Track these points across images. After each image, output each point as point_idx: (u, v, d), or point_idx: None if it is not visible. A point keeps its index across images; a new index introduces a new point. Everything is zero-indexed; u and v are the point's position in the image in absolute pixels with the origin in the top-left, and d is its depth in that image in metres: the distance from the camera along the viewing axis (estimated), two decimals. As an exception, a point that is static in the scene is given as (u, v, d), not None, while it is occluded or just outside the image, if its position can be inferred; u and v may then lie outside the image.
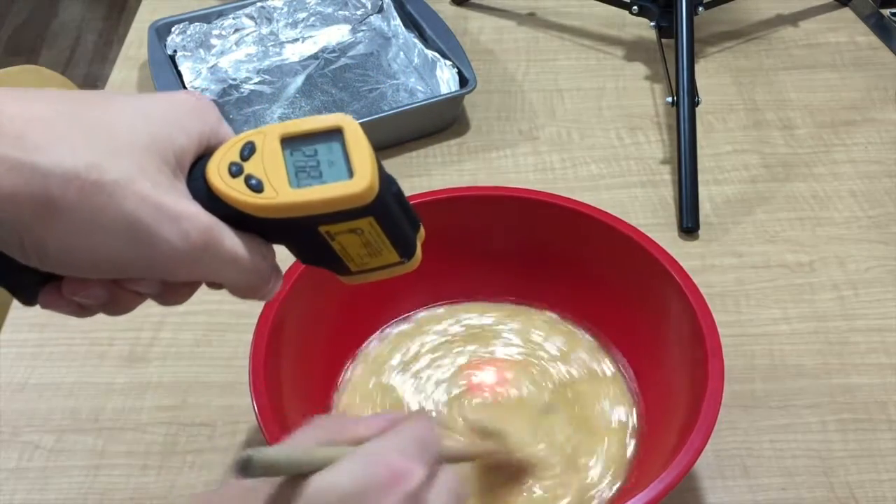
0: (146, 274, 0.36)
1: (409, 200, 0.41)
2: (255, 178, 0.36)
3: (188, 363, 0.67)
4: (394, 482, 0.35)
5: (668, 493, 0.46)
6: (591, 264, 0.63)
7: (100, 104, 0.35)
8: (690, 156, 0.80)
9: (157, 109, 0.36)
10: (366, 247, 0.39)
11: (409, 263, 0.42)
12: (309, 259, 0.41)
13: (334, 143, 0.37)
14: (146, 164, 0.34)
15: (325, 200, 0.36)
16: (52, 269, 0.35)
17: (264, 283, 0.39)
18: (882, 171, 0.83)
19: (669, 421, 0.55)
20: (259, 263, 0.38)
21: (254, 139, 0.37)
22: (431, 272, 0.64)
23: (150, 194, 0.33)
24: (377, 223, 0.38)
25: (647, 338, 0.61)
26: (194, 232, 0.35)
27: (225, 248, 0.36)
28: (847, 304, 0.71)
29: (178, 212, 0.34)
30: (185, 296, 0.39)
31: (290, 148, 0.37)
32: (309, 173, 0.37)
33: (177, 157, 0.35)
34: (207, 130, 0.37)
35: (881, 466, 0.61)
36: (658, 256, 0.59)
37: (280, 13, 0.94)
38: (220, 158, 0.37)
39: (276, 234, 0.39)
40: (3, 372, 0.67)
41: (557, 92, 0.93)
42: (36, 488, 0.60)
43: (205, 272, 0.37)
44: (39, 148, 0.32)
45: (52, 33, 2.41)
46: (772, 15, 1.04)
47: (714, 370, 0.52)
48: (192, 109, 0.37)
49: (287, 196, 0.36)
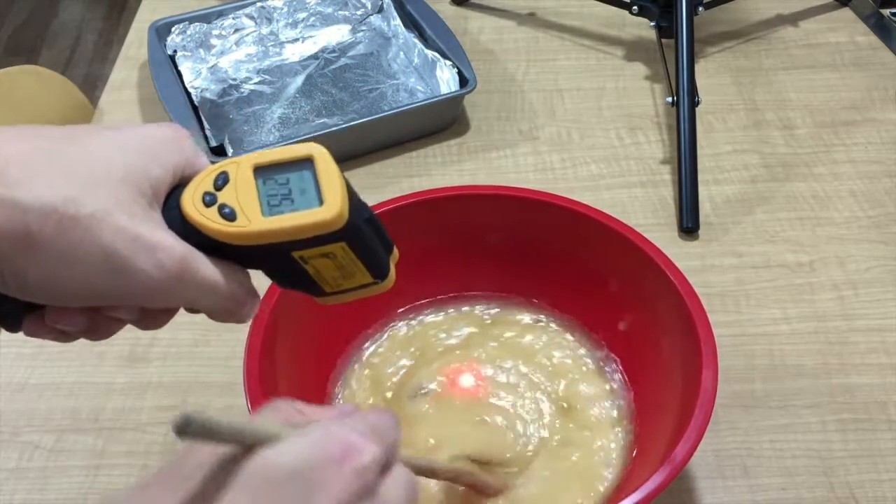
0: (124, 302, 0.37)
1: (383, 223, 0.42)
2: (228, 206, 0.37)
3: (188, 363, 0.67)
4: (345, 457, 0.34)
5: (658, 494, 0.46)
6: (586, 263, 0.63)
7: (76, 139, 0.36)
8: (690, 156, 0.80)
9: (132, 141, 0.37)
10: (339, 269, 0.41)
11: (382, 284, 0.43)
12: (284, 283, 0.42)
13: (305, 172, 0.38)
14: (122, 196, 0.35)
15: (296, 227, 0.37)
16: (32, 298, 0.36)
17: (240, 307, 0.40)
18: (882, 171, 0.83)
19: (663, 421, 0.55)
20: (235, 289, 0.39)
21: (227, 169, 0.38)
22: (429, 269, 0.65)
23: (125, 226, 0.34)
24: (349, 247, 0.39)
25: (642, 338, 0.61)
26: (169, 262, 0.36)
27: (200, 276, 0.37)
28: (847, 304, 0.71)
29: (153, 242, 0.35)
30: (164, 321, 0.40)
31: (263, 177, 0.38)
32: (280, 201, 0.38)
33: (153, 187, 0.36)
34: (183, 161, 0.38)
35: (881, 466, 0.61)
36: (653, 256, 0.58)
37: (280, 13, 0.94)
38: (195, 189, 0.38)
39: (250, 260, 0.40)
40: (3, 372, 0.67)
41: (557, 92, 0.93)
42: (36, 488, 0.60)
43: (181, 299, 0.38)
44: (19, 183, 0.33)
45: (52, 33, 2.41)
46: (772, 15, 1.04)
47: (708, 371, 0.52)
48: (167, 141, 0.38)
49: (259, 224, 0.37)
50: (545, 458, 0.58)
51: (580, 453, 0.58)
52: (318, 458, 0.33)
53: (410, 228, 0.63)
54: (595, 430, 0.59)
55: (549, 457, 0.58)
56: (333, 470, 0.33)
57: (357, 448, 0.34)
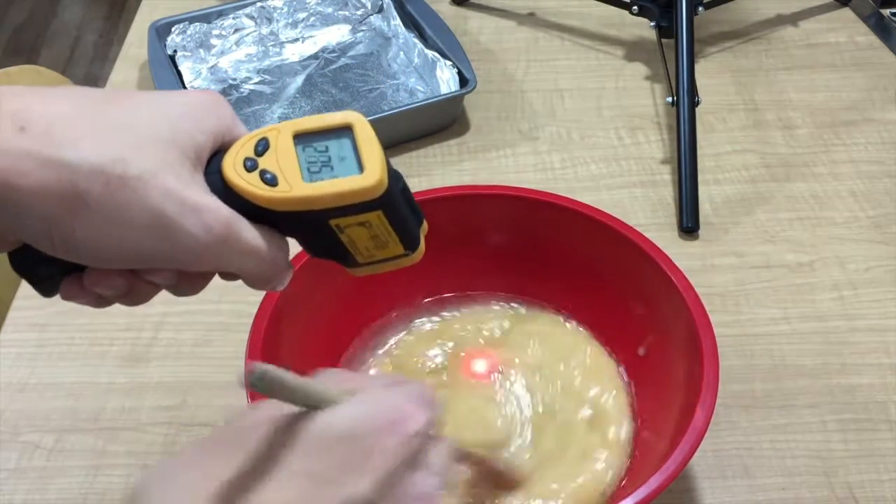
0: (169, 264, 0.37)
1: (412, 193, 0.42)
2: (269, 172, 0.38)
3: (188, 363, 0.67)
4: (397, 423, 0.35)
5: (659, 493, 0.46)
6: (587, 263, 0.63)
7: (121, 101, 0.36)
8: (690, 156, 0.80)
9: (175, 107, 0.37)
10: (373, 239, 0.41)
11: (413, 255, 0.43)
12: (318, 251, 0.42)
13: (345, 140, 0.39)
14: (168, 158, 0.35)
15: (337, 194, 0.38)
16: (78, 259, 0.36)
17: (279, 274, 0.40)
18: (882, 171, 0.83)
19: (665, 421, 0.55)
20: (276, 254, 0.39)
21: (268, 136, 0.38)
22: (430, 268, 0.65)
23: (173, 188, 0.35)
24: (385, 216, 0.39)
25: (643, 338, 0.61)
26: (216, 224, 0.36)
27: (244, 239, 0.37)
28: (847, 304, 0.71)
29: (200, 205, 0.35)
30: (200, 287, 0.40)
31: (303, 144, 0.39)
32: (321, 168, 0.38)
33: (196, 152, 0.37)
34: (223, 127, 0.38)
35: (881, 466, 0.61)
36: (653, 255, 0.59)
37: (280, 13, 0.94)
38: (236, 154, 0.38)
39: (288, 227, 0.40)
40: (3, 372, 0.67)
41: (557, 92, 0.93)
42: (36, 488, 0.60)
43: (225, 262, 0.38)
44: (67, 144, 0.33)
45: (52, 33, 2.41)
46: (772, 15, 1.04)
47: (709, 371, 0.52)
48: (208, 107, 0.38)
49: (301, 190, 0.37)
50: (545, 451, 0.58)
51: (581, 452, 0.58)
52: (371, 422, 0.35)
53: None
54: (597, 429, 0.59)
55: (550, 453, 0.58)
56: (385, 435, 0.35)
57: (408, 415, 0.36)
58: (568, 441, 0.58)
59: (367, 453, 0.34)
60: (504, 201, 0.64)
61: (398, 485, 0.35)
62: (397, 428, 0.35)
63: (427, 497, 0.36)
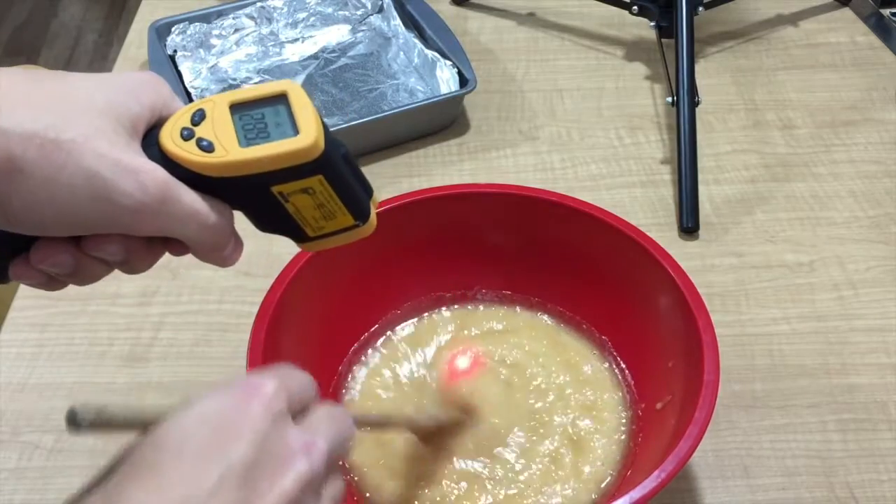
0: (109, 229, 0.38)
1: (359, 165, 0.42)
2: (205, 139, 0.38)
3: (188, 363, 0.67)
4: (247, 396, 0.35)
5: (658, 491, 0.46)
6: (588, 262, 0.63)
7: (57, 77, 0.37)
8: (690, 156, 0.80)
9: (112, 81, 0.38)
10: (319, 209, 0.41)
11: (364, 227, 0.43)
12: (267, 225, 0.42)
13: (280, 106, 0.40)
14: (102, 125, 0.36)
15: (274, 156, 0.38)
16: (17, 228, 0.37)
17: (225, 241, 0.41)
18: (882, 171, 0.83)
19: (664, 421, 0.55)
20: (219, 220, 0.40)
21: (204, 107, 0.40)
22: (429, 266, 0.65)
23: (106, 151, 0.36)
24: (327, 182, 0.40)
25: (644, 336, 0.61)
26: (152, 184, 0.37)
27: (183, 201, 0.38)
28: (847, 304, 0.71)
29: (135, 166, 0.36)
30: (149, 262, 0.41)
31: (239, 113, 0.40)
32: (257, 134, 0.39)
33: (132, 122, 0.38)
34: (160, 102, 0.40)
35: (881, 466, 0.61)
36: (656, 254, 0.59)
37: (280, 13, 0.94)
38: (173, 125, 0.39)
39: (231, 197, 0.40)
40: (3, 372, 0.67)
41: (557, 92, 0.93)
42: (36, 488, 0.60)
43: (166, 226, 0.38)
44: (2, 113, 0.34)
45: (52, 33, 2.41)
46: (772, 15, 1.04)
47: (710, 369, 0.52)
48: (145, 82, 0.39)
49: (237, 154, 0.38)
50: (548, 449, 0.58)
51: (581, 451, 0.58)
52: (218, 404, 0.35)
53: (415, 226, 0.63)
54: (596, 427, 0.59)
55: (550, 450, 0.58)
56: (241, 406, 0.35)
57: (256, 384, 0.36)
58: (561, 440, 0.58)
59: (234, 423, 0.34)
60: (505, 200, 0.64)
61: (274, 443, 0.35)
62: (252, 396, 0.35)
63: (307, 447, 0.35)
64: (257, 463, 0.33)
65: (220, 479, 0.32)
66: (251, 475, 0.33)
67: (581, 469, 0.57)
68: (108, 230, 0.38)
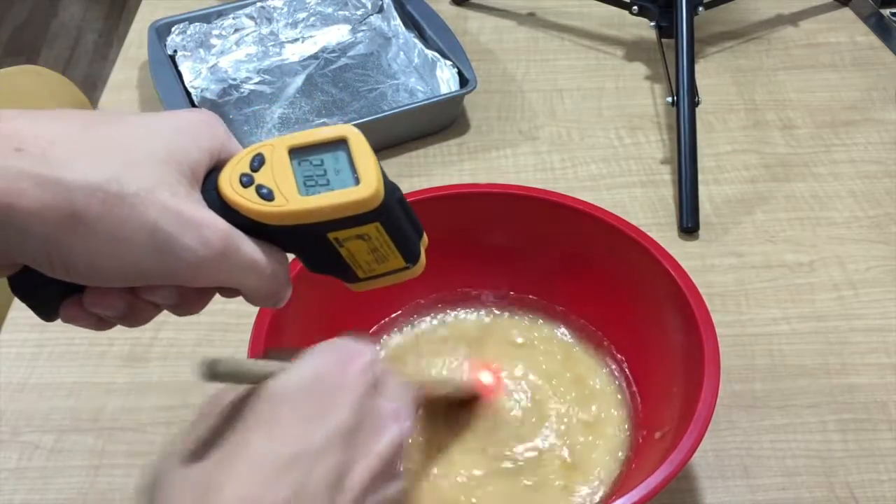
0: (168, 281, 0.37)
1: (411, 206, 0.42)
2: (265, 187, 0.38)
3: (188, 363, 0.67)
4: (349, 359, 0.38)
5: (658, 491, 0.46)
6: (589, 262, 0.63)
7: (114, 122, 0.37)
8: (690, 156, 0.80)
9: (168, 125, 0.37)
10: (373, 253, 0.41)
11: (414, 269, 0.43)
12: (319, 267, 0.42)
13: (340, 153, 0.39)
14: (164, 175, 0.35)
15: (334, 206, 0.38)
16: (78, 280, 0.36)
17: (281, 288, 0.41)
18: (882, 171, 0.83)
19: (664, 420, 0.55)
20: (276, 269, 0.39)
21: (263, 151, 0.39)
22: (431, 268, 0.64)
23: (170, 204, 0.35)
24: (383, 228, 0.39)
25: (645, 336, 0.61)
26: (214, 238, 0.36)
27: (243, 253, 0.37)
28: (847, 304, 0.71)
29: (198, 220, 0.36)
30: (200, 306, 0.41)
31: (298, 158, 0.39)
32: (317, 181, 0.38)
33: (192, 169, 0.37)
34: (217, 145, 0.39)
35: (881, 466, 0.61)
36: (656, 253, 0.59)
37: (280, 13, 0.94)
38: (232, 170, 0.38)
39: (287, 242, 0.40)
40: (3, 372, 0.67)
41: (557, 92, 0.93)
42: (36, 488, 0.60)
43: (225, 277, 0.38)
44: (63, 164, 0.33)
45: (52, 33, 2.41)
46: (772, 15, 1.04)
47: (710, 369, 0.52)
48: (202, 124, 0.39)
49: (297, 203, 0.38)
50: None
51: (582, 447, 0.58)
52: (327, 366, 0.37)
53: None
54: (597, 427, 0.59)
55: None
56: (344, 371, 0.37)
57: (356, 350, 0.39)
58: (562, 441, 0.58)
59: (336, 387, 0.37)
60: (506, 200, 0.64)
61: (370, 409, 0.37)
62: (351, 363, 0.38)
63: (396, 415, 0.39)
64: (356, 427, 0.36)
65: (327, 440, 0.35)
66: (352, 438, 0.36)
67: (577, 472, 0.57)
68: (166, 282, 0.37)
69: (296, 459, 0.34)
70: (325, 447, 0.35)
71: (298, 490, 0.34)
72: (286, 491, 0.33)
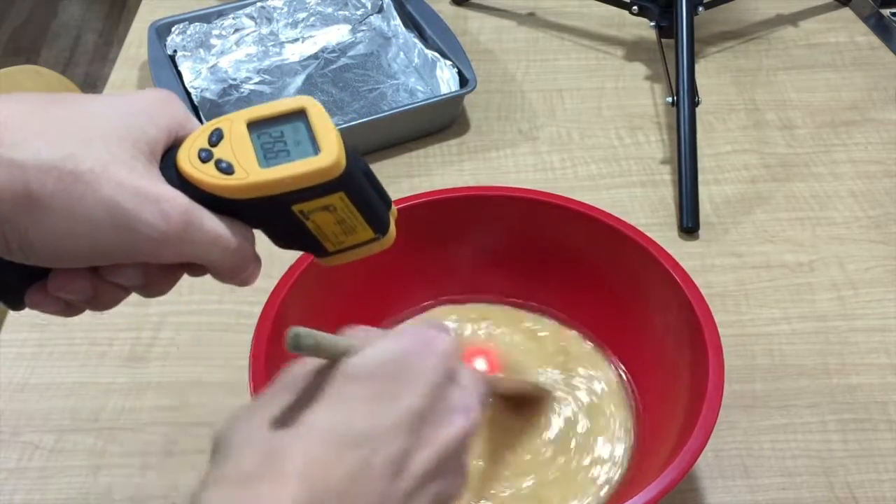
0: (130, 259, 0.37)
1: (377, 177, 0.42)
2: (224, 161, 0.37)
3: (188, 363, 0.67)
4: (427, 345, 0.37)
5: (665, 495, 0.46)
6: (589, 264, 0.63)
7: (70, 103, 0.36)
8: (690, 156, 0.80)
9: (126, 104, 0.37)
10: (340, 224, 0.40)
11: (383, 240, 0.43)
12: (287, 242, 0.42)
13: (299, 123, 0.39)
14: (120, 152, 0.35)
15: (294, 177, 0.37)
16: (37, 261, 0.36)
17: (246, 264, 0.40)
18: (882, 171, 0.83)
19: (668, 422, 0.55)
20: (241, 243, 0.39)
21: (221, 126, 0.39)
22: (432, 270, 0.65)
23: (126, 180, 0.35)
24: (348, 198, 0.39)
25: (646, 338, 0.61)
26: (174, 212, 0.36)
27: (205, 226, 0.37)
28: (847, 304, 0.71)
29: (156, 194, 0.35)
30: (168, 285, 0.40)
31: (257, 131, 0.38)
32: (277, 153, 0.38)
33: (149, 146, 0.37)
34: (176, 123, 0.39)
35: (881, 466, 0.61)
36: (657, 255, 0.59)
37: (280, 13, 0.94)
38: (190, 146, 0.38)
39: (251, 217, 0.40)
40: (3, 372, 0.67)
41: (557, 92, 0.93)
42: (36, 488, 0.60)
43: (188, 252, 0.38)
44: (16, 144, 0.33)
45: (53, 33, 2.41)
46: (772, 15, 1.04)
47: (714, 371, 0.52)
48: (160, 103, 0.38)
49: (257, 175, 0.37)
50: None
51: (584, 449, 0.58)
52: (405, 349, 0.37)
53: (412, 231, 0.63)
54: (601, 430, 0.59)
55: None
56: (421, 356, 0.37)
57: (434, 337, 0.38)
58: (566, 440, 0.58)
59: (411, 371, 0.36)
60: (507, 202, 0.64)
61: (442, 398, 0.37)
62: (430, 349, 0.37)
63: (466, 408, 0.38)
64: (426, 414, 0.36)
65: (396, 423, 0.35)
66: (419, 424, 0.36)
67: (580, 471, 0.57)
68: (129, 260, 0.37)
69: (364, 438, 0.34)
70: (392, 430, 0.35)
71: (361, 469, 0.34)
72: (349, 468, 0.33)
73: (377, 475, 0.34)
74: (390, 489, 0.34)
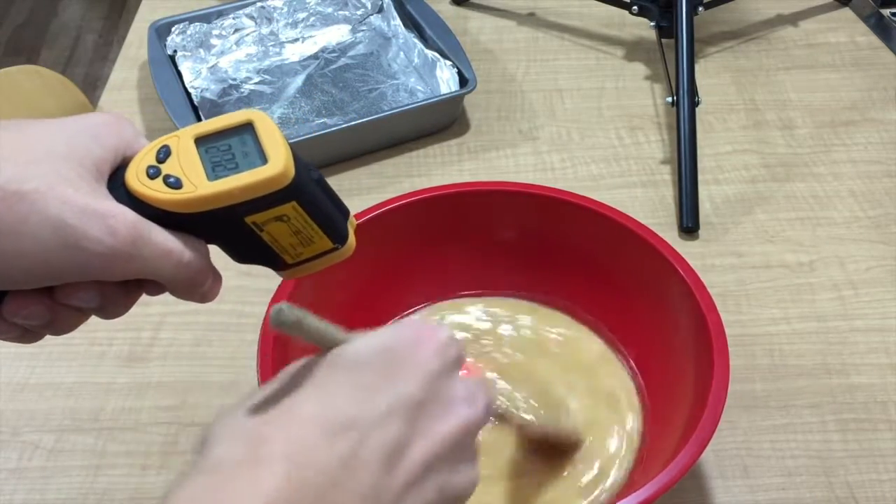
0: (82, 277, 0.37)
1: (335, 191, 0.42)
2: (173, 176, 0.38)
3: (188, 363, 0.67)
4: (424, 338, 0.37)
5: (666, 490, 0.46)
6: (597, 260, 0.64)
7: (15, 126, 0.37)
8: (690, 156, 0.80)
9: (71, 126, 0.38)
10: (296, 235, 0.40)
11: (343, 249, 0.43)
12: (245, 257, 0.42)
13: (246, 136, 0.39)
14: (65, 171, 0.35)
15: (242, 187, 0.38)
16: None
17: (202, 279, 0.40)
18: (882, 171, 0.83)
19: (673, 417, 0.55)
20: (194, 257, 0.39)
21: (168, 143, 0.39)
22: (440, 267, 0.65)
23: (72, 198, 0.35)
24: (301, 208, 0.39)
25: (653, 334, 0.61)
26: (122, 227, 0.36)
27: (155, 241, 0.37)
28: (847, 304, 0.71)
29: (102, 211, 0.36)
30: (125, 306, 0.40)
31: (205, 146, 0.39)
32: (225, 165, 0.38)
33: (96, 165, 0.37)
34: (123, 143, 0.39)
35: (881, 466, 0.61)
36: (664, 252, 0.59)
37: (280, 13, 0.94)
38: (138, 164, 0.38)
39: (205, 231, 0.40)
40: (3, 372, 0.67)
41: (557, 92, 0.93)
42: (36, 488, 0.60)
43: (140, 268, 0.37)
44: None
45: (52, 33, 2.41)
46: (772, 15, 1.04)
47: (719, 368, 0.52)
48: (105, 124, 0.39)
49: (205, 188, 0.37)
50: None
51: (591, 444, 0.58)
52: (400, 340, 0.36)
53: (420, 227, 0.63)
54: (604, 425, 0.59)
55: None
56: (417, 346, 0.36)
57: (430, 330, 0.37)
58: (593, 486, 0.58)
59: (407, 361, 0.36)
60: (515, 198, 0.64)
61: (442, 388, 0.36)
62: (426, 340, 0.37)
63: (470, 398, 0.37)
64: (424, 403, 0.35)
65: (388, 410, 0.34)
66: (417, 413, 0.35)
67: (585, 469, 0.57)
68: (80, 278, 0.37)
69: (352, 424, 0.33)
70: (385, 417, 0.34)
71: (350, 455, 0.33)
72: (338, 453, 0.33)
73: (370, 463, 0.33)
74: (385, 479, 0.33)
